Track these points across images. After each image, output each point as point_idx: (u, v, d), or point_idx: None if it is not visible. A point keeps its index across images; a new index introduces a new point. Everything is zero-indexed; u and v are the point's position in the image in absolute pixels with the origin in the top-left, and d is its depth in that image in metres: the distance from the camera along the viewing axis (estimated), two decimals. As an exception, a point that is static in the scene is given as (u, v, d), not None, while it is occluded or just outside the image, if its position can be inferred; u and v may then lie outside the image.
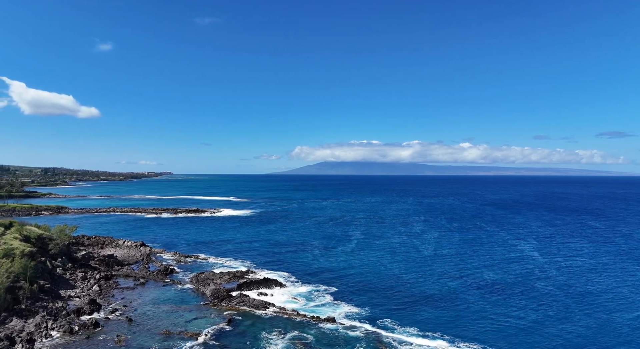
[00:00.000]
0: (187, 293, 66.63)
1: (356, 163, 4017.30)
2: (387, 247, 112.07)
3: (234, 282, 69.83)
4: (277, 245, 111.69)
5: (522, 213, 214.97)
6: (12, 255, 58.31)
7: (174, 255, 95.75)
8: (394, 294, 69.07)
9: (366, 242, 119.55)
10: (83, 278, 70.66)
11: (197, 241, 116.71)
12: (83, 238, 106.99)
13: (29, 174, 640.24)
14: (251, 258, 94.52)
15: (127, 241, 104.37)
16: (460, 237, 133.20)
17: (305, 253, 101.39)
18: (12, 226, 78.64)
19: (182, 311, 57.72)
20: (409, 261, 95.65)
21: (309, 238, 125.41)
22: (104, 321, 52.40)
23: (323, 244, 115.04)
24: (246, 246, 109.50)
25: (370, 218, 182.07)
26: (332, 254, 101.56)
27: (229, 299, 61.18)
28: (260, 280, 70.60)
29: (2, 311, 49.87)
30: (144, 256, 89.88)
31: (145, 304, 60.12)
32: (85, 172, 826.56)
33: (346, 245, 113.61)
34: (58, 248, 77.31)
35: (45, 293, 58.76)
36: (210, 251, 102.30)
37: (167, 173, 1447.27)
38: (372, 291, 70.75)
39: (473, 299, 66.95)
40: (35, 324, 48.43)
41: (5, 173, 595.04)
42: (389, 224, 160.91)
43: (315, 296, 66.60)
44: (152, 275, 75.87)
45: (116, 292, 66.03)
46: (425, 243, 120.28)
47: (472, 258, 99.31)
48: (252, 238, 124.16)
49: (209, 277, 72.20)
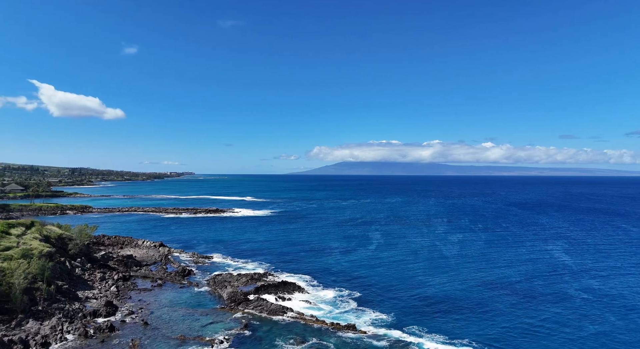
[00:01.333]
0: (204, 295, 65.25)
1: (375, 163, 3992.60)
2: (409, 249, 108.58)
3: (251, 285, 68.10)
4: (296, 247, 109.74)
5: (548, 214, 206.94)
6: (31, 255, 58.14)
7: (192, 255, 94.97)
8: (419, 300, 65.98)
9: (388, 244, 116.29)
10: (101, 279, 70.27)
11: (216, 242, 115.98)
12: (103, 237, 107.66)
13: (57, 174, 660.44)
14: (269, 259, 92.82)
15: (146, 242, 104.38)
16: (485, 239, 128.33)
17: (325, 255, 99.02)
18: (33, 226, 79.20)
19: (198, 314, 56.25)
20: (432, 264, 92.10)
21: (329, 239, 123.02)
22: (119, 324, 51.35)
23: (343, 245, 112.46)
24: (265, 247, 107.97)
25: (391, 219, 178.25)
26: (353, 256, 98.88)
27: (246, 303, 59.38)
28: (278, 283, 68.60)
29: (19, 313, 49.40)
30: (162, 257, 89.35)
31: (161, 307, 58.97)
32: (110, 171, 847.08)
33: (367, 247, 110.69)
34: (77, 248, 77.34)
35: (63, 294, 58.31)
36: (228, 252, 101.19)
37: (189, 173, 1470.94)
38: (396, 296, 67.81)
39: (502, 305, 63.22)
40: (51, 327, 47.69)
41: (34, 173, 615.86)
42: (411, 225, 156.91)
43: (339, 301, 64.01)
44: (170, 276, 74.96)
45: (133, 293, 65.24)
46: (448, 245, 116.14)
47: (499, 261, 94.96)
48: (270, 239, 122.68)
49: (226, 279, 70.71)
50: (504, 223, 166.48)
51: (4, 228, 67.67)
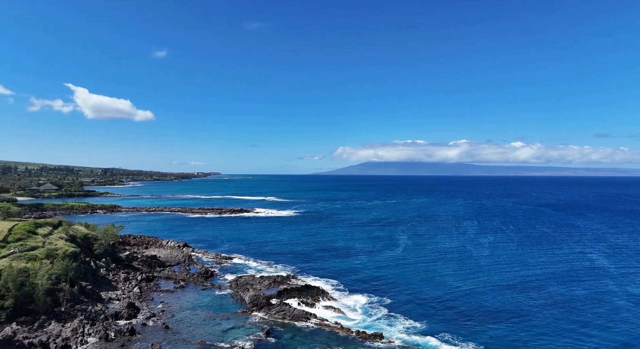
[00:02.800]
0: (226, 298, 63.79)
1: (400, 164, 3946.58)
2: (438, 252, 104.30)
3: (274, 288, 66.18)
4: (320, 249, 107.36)
5: (583, 215, 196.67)
6: (55, 255, 58.22)
7: (215, 256, 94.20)
8: (451, 305, 62.42)
9: (415, 246, 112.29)
10: (125, 279, 70.04)
11: (239, 242, 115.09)
12: (129, 237, 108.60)
13: (90, 174, 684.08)
14: (293, 261, 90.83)
15: (170, 242, 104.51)
16: (517, 241, 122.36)
17: (351, 258, 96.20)
18: (60, 225, 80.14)
19: (219, 319, 54.70)
20: (463, 267, 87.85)
21: (354, 241, 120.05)
22: (140, 328, 50.35)
23: (369, 247, 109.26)
24: (288, 249, 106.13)
25: (418, 220, 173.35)
26: (380, 258, 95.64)
27: (268, 308, 57.43)
28: (301, 287, 66.38)
29: (42, 314, 49.14)
30: (185, 258, 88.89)
31: (183, 310, 57.82)
32: (139, 172, 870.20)
33: (394, 249, 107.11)
34: (103, 248, 77.63)
35: (86, 294, 58.04)
36: (251, 253, 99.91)
37: (215, 174, 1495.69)
38: (427, 301, 64.41)
39: (540, 314, 58.83)
40: (72, 329, 47.11)
41: (69, 173, 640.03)
42: (439, 226, 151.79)
43: (368, 307, 61.20)
44: (192, 278, 74.09)
45: (156, 295, 64.52)
46: (479, 248, 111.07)
47: (533, 265, 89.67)
48: (294, 240, 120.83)
49: (249, 282, 69.10)
50: (537, 225, 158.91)
51: (31, 227, 68.48)
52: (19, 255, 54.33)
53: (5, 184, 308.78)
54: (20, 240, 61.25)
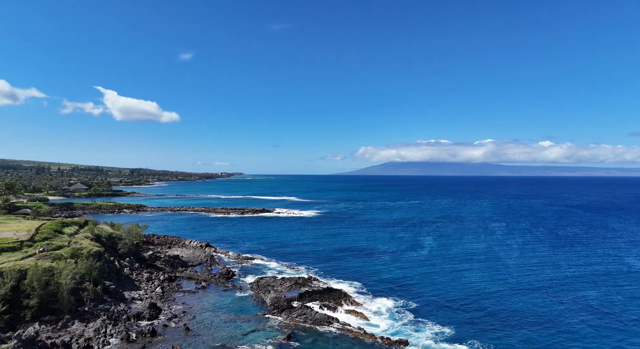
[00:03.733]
0: (247, 300, 62.95)
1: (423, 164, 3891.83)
2: (464, 254, 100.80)
3: (295, 290, 64.90)
4: (342, 250, 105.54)
5: (618, 217, 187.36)
6: (80, 255, 58.76)
7: (237, 256, 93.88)
8: (479, 311, 59.56)
9: (440, 248, 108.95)
10: (148, 279, 70.29)
11: (261, 243, 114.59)
12: (153, 237, 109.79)
13: (119, 174, 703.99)
14: (314, 263, 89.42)
15: (193, 242, 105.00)
16: (548, 243, 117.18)
17: (374, 260, 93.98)
18: (86, 224, 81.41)
19: (240, 321, 53.79)
20: (490, 270, 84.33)
21: (377, 242, 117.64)
22: (161, 329, 49.98)
23: (393, 249, 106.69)
24: (309, 250, 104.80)
25: (443, 221, 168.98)
26: (404, 261, 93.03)
27: (290, 311, 56.16)
28: (323, 290, 64.81)
29: (66, 313, 49.44)
30: (207, 258, 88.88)
31: (204, 311, 57.28)
32: (165, 172, 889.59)
33: (418, 251, 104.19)
34: (127, 248, 78.34)
35: (110, 294, 58.31)
36: (272, 253, 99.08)
37: (238, 174, 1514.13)
38: (454, 306, 61.75)
39: (573, 321, 55.33)
40: (95, 329, 47.10)
41: (99, 173, 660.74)
42: (464, 228, 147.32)
43: (393, 312, 59.09)
44: (214, 278, 73.75)
45: (178, 295, 64.35)
46: (508, 250, 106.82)
47: (566, 269, 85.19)
48: (315, 241, 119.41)
49: (270, 283, 68.09)
50: (568, 227, 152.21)
51: (57, 227, 69.66)
52: (44, 254, 55.03)
53: (38, 184, 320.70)
54: (47, 239, 62.23)
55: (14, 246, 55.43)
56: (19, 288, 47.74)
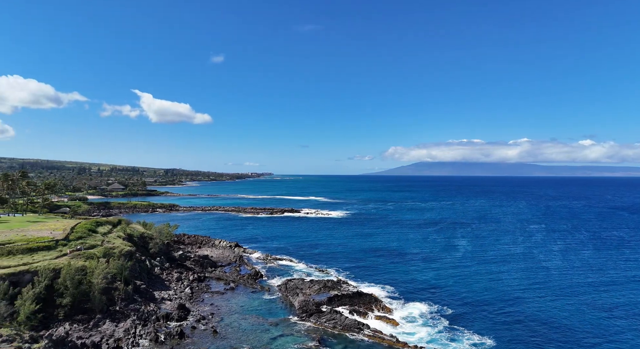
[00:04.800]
0: (275, 302, 61.77)
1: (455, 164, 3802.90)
2: (502, 258, 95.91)
3: (324, 294, 63.12)
4: (372, 252, 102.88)
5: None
6: (112, 254, 59.42)
7: (266, 257, 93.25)
8: (521, 320, 55.77)
9: (476, 251, 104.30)
10: (178, 279, 70.54)
11: (289, 243, 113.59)
12: (184, 236, 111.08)
13: (154, 174, 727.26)
14: (344, 265, 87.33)
15: (222, 242, 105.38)
16: (592, 247, 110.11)
17: (406, 263, 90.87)
18: (120, 224, 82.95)
19: (268, 324, 52.58)
20: (530, 275, 79.58)
21: (409, 244, 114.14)
22: (189, 331, 49.48)
23: (425, 252, 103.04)
24: (339, 252, 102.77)
25: (477, 223, 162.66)
26: (438, 264, 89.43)
27: (318, 315, 54.44)
28: (353, 294, 62.73)
29: (97, 313, 49.82)
30: (236, 258, 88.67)
31: (232, 313, 56.51)
32: (198, 172, 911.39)
33: (453, 254, 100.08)
34: (158, 247, 79.14)
35: (140, 294, 58.62)
36: (301, 255, 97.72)
37: (267, 174, 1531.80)
38: (493, 314, 58.17)
39: (627, 332, 50.63)
40: (125, 330, 47.14)
41: (135, 173, 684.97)
42: (501, 230, 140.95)
43: (427, 318, 56.34)
44: (243, 279, 73.18)
45: (206, 296, 64.07)
46: (548, 253, 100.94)
47: (614, 275, 79.20)
48: (345, 242, 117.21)
49: (298, 286, 66.65)
50: (613, 230, 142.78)
51: (91, 226, 71.12)
52: (78, 253, 55.91)
53: (78, 184, 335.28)
54: (81, 238, 63.45)
55: (50, 245, 56.70)
56: (52, 287, 48.45)
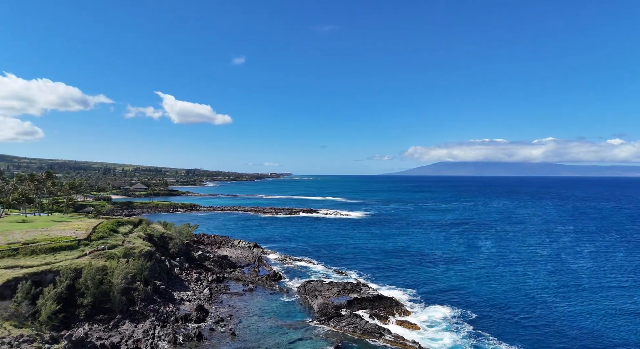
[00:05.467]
0: (293, 305, 60.86)
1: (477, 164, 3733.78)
2: (528, 260, 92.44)
3: (343, 296, 61.83)
4: (392, 254, 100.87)
5: None
6: (132, 254, 59.75)
7: (285, 258, 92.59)
8: (549, 326, 53.33)
9: (500, 253, 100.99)
10: (197, 280, 70.53)
11: (308, 244, 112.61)
12: (203, 236, 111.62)
13: (175, 174, 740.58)
14: (363, 267, 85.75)
15: (241, 242, 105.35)
16: (624, 250, 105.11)
17: (427, 265, 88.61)
18: (140, 224, 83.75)
19: (286, 327, 51.67)
20: (559, 280, 76.19)
21: (430, 246, 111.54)
22: (208, 333, 49.06)
23: (448, 254, 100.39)
24: (358, 253, 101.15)
25: (501, 224, 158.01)
26: (461, 267, 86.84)
27: (338, 319, 53.20)
28: (373, 297, 61.22)
29: (117, 313, 49.94)
30: (255, 259, 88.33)
31: (250, 315, 55.89)
32: (218, 172, 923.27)
33: (476, 257, 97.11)
34: (177, 247, 79.47)
35: (160, 294, 58.69)
36: (320, 256, 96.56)
37: (287, 174, 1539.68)
38: (519, 320, 55.72)
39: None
40: (144, 331, 47.07)
41: (158, 174, 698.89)
42: (527, 232, 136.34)
43: (450, 323, 54.40)
44: (261, 280, 72.64)
45: (225, 297, 63.74)
46: (577, 256, 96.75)
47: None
48: (365, 243, 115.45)
49: (317, 288, 65.55)
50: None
51: (113, 226, 71.91)
52: (99, 253, 56.37)
53: (103, 184, 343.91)
54: (103, 238, 64.10)
55: (72, 244, 57.39)
56: (74, 286, 48.82)
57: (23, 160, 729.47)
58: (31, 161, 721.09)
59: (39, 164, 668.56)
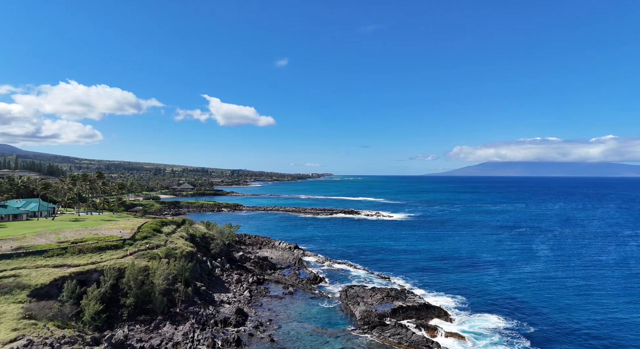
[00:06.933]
0: (335, 311, 58.35)
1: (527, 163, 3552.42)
2: (591, 269, 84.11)
3: (387, 304, 58.47)
4: (439, 258, 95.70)
5: None
6: (174, 255, 59.92)
7: (325, 260, 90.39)
8: (622, 346, 47.04)
9: (559, 260, 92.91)
10: (237, 281, 69.92)
11: (349, 247, 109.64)
12: (245, 237, 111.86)
13: (221, 175, 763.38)
14: (408, 272, 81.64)
15: (282, 243, 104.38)
16: None
17: (478, 271, 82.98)
18: (183, 224, 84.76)
19: (327, 336, 49.24)
20: (630, 292, 68.16)
21: (480, 250, 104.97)
22: (247, 338, 47.70)
23: (500, 259, 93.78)
24: (402, 257, 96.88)
25: (558, 228, 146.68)
26: (515, 274, 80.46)
27: (382, 329, 50.03)
28: (420, 306, 57.40)
29: (159, 314, 49.81)
30: (295, 260, 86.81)
31: (290, 321, 54.05)
32: (261, 173, 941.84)
33: (532, 263, 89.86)
34: (219, 248, 79.50)
35: (200, 296, 58.33)
36: (362, 259, 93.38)
37: (327, 174, 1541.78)
38: (584, 335, 50.05)
39: None
40: (184, 334, 46.46)
41: (204, 174, 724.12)
42: (588, 237, 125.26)
43: (505, 337, 49.71)
44: (301, 284, 70.82)
45: (265, 300, 62.44)
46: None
47: None
48: (409, 247, 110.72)
49: (359, 294, 62.61)
50: None
51: (157, 226, 72.97)
52: (142, 253, 56.88)
53: (152, 184, 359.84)
54: (146, 238, 64.96)
55: (117, 244, 58.39)
56: (117, 286, 49.22)
57: (84, 161, 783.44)
58: (91, 162, 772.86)
59: (98, 165, 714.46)
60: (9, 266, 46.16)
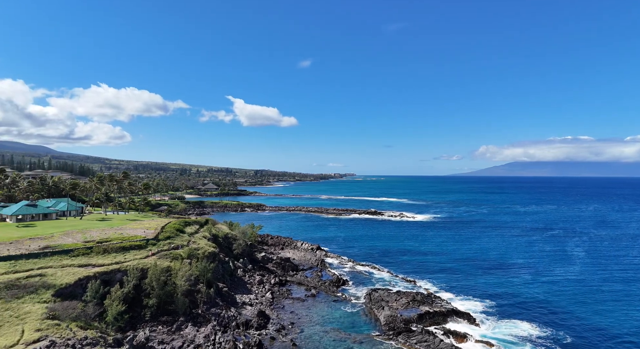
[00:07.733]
0: (358, 315, 56.70)
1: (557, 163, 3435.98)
2: (631, 274, 79.09)
3: (413, 309, 56.35)
4: (466, 261, 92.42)
5: None
6: (196, 255, 59.72)
7: (348, 262, 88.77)
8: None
9: (596, 264, 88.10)
10: (259, 282, 69.27)
11: (372, 248, 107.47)
12: (267, 237, 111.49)
13: (244, 175, 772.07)
14: (434, 275, 79.00)
15: (304, 244, 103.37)
16: None
17: (508, 275, 79.48)
18: (206, 224, 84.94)
19: (350, 341, 47.70)
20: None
21: (510, 253, 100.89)
22: (268, 342, 46.78)
23: (531, 263, 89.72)
24: (428, 260, 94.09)
25: (593, 230, 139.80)
26: (547, 278, 76.59)
27: (407, 335, 48.10)
28: (447, 311, 55.07)
29: (181, 315, 49.51)
30: (318, 262, 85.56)
31: (312, 324, 52.78)
32: (284, 173, 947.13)
33: (566, 267, 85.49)
34: (241, 249, 79.17)
35: (222, 297, 57.85)
36: (386, 262, 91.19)
37: (350, 175, 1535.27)
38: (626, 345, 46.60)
39: None
40: (205, 336, 45.92)
41: (228, 174, 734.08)
42: (626, 240, 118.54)
43: (536, 345, 47.05)
44: (324, 286, 69.49)
45: (287, 303, 61.44)
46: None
47: None
48: (434, 249, 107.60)
49: (383, 298, 60.73)
50: None
51: (180, 226, 73.23)
52: (164, 254, 56.90)
53: (178, 184, 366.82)
54: (169, 238, 65.13)
55: (141, 244, 58.67)
56: (140, 286, 49.20)
57: (113, 161, 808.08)
58: (120, 162, 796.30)
59: (126, 165, 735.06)
60: (35, 265, 46.80)
